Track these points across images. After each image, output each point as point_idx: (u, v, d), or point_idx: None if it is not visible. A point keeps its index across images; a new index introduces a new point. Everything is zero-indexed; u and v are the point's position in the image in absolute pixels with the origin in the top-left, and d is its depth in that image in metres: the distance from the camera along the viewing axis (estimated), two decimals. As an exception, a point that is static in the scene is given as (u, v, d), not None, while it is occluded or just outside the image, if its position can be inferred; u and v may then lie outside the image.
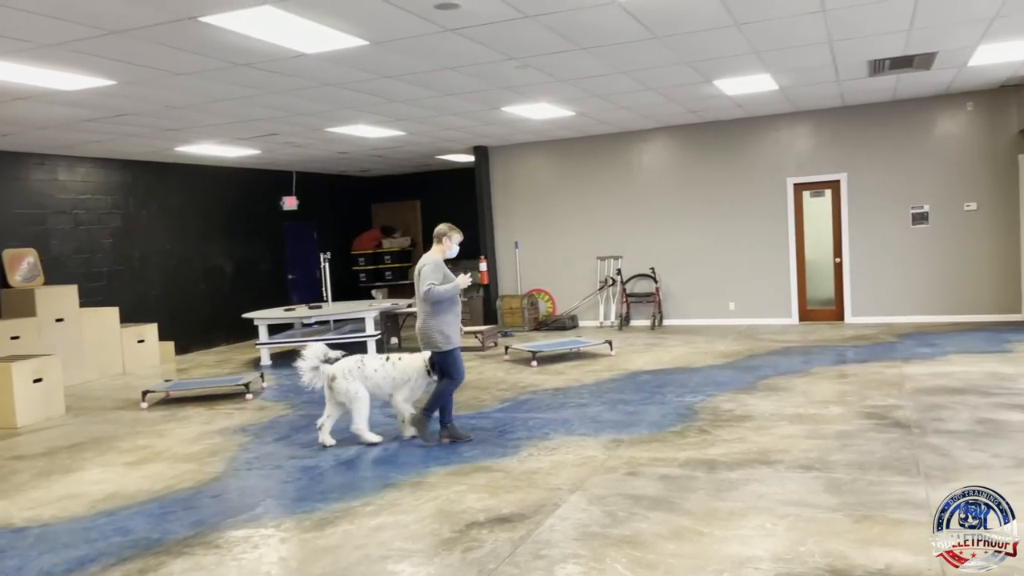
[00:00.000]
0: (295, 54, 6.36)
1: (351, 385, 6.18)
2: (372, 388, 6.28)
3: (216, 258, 13.36)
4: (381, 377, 6.27)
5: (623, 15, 5.93)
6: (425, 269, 6.04)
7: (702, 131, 12.12)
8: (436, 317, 6.06)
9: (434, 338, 6.07)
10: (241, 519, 4.63)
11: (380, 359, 6.36)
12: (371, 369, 6.26)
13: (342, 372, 6.22)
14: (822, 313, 11.74)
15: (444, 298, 6.02)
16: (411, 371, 6.29)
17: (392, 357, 6.38)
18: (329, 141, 11.36)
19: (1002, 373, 7.35)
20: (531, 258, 13.53)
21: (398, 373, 6.28)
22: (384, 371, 6.28)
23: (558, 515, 4.34)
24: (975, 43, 7.62)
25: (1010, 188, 10.60)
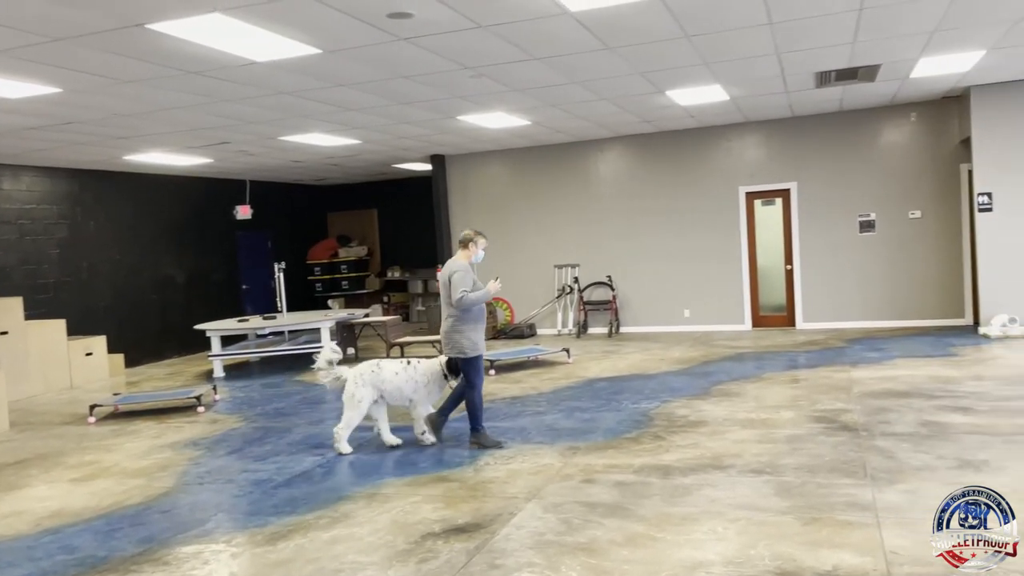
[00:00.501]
0: (246, 62, 6.30)
1: (358, 391, 6.13)
2: (392, 392, 6.23)
3: (167, 268, 13.12)
4: (403, 381, 6.23)
5: (575, 26, 5.99)
6: (456, 276, 6.00)
7: (657, 140, 12.28)
8: (465, 323, 6.04)
9: (462, 344, 6.04)
10: (191, 535, 4.54)
11: (399, 364, 6.34)
12: (390, 373, 6.22)
13: (354, 376, 6.19)
14: (774, 319, 11.96)
15: (476, 305, 6.00)
16: (431, 374, 6.30)
17: (412, 361, 6.37)
18: (283, 150, 11.25)
19: (946, 376, 7.55)
20: (489, 267, 13.51)
21: (420, 376, 6.27)
22: (405, 375, 6.25)
23: (514, 524, 4.35)
24: (916, 56, 7.85)
25: (952, 196, 10.93)
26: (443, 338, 6.16)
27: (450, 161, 13.54)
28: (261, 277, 14.91)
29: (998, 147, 9.83)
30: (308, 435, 6.89)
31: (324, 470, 5.73)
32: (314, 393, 9.02)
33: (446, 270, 6.14)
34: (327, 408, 8.14)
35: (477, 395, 6.12)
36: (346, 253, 16.83)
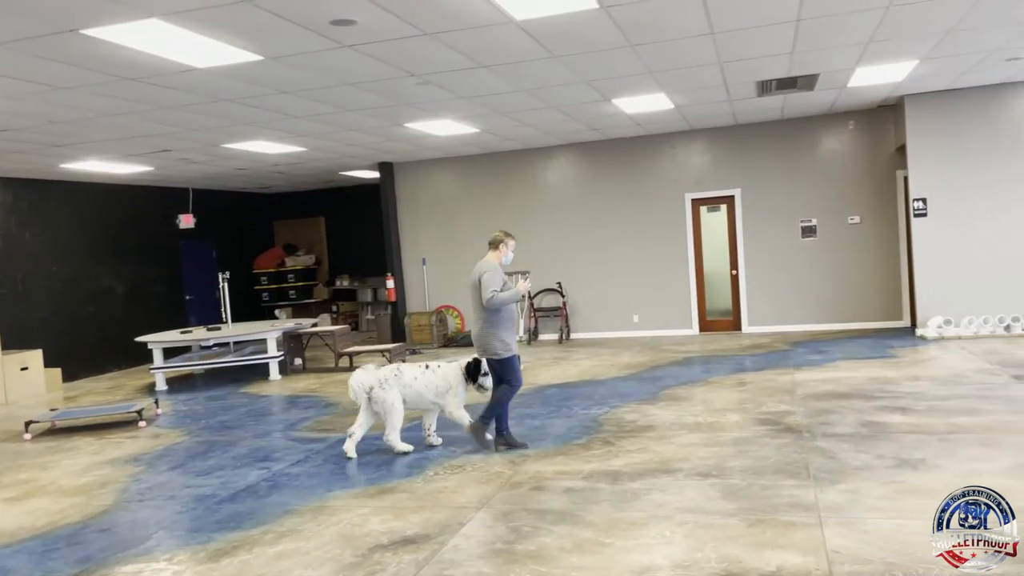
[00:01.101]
0: (185, 68, 6.17)
1: (388, 394, 6.11)
2: (413, 397, 6.20)
3: (107, 279, 12.76)
4: (422, 385, 6.20)
5: (521, 34, 6.02)
6: (486, 276, 5.94)
7: (604, 148, 12.39)
8: (495, 324, 5.99)
9: (493, 345, 5.98)
10: (131, 553, 4.41)
11: (419, 367, 6.31)
12: (410, 377, 6.19)
13: (379, 381, 6.15)
14: (721, 323, 12.15)
15: (506, 305, 5.96)
16: (452, 378, 6.25)
17: (432, 365, 6.33)
18: (226, 157, 11.05)
19: (885, 377, 7.76)
20: (439, 274, 13.49)
21: (440, 380, 6.23)
22: (425, 379, 6.21)
23: (463, 534, 4.32)
24: (853, 66, 8.07)
25: (889, 202, 11.26)
26: (475, 340, 6.11)
27: (399, 168, 13.46)
28: (206, 287, 14.58)
29: (932, 154, 10.16)
30: (254, 448, 6.76)
31: (270, 484, 5.62)
32: (260, 405, 8.86)
33: (476, 271, 6.08)
34: (273, 420, 8.01)
35: (508, 396, 6.10)
36: (293, 262, 16.60)
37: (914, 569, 3.46)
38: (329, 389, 9.52)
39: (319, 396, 9.09)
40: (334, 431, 7.18)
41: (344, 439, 6.32)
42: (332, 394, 9.14)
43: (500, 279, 5.99)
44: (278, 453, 6.52)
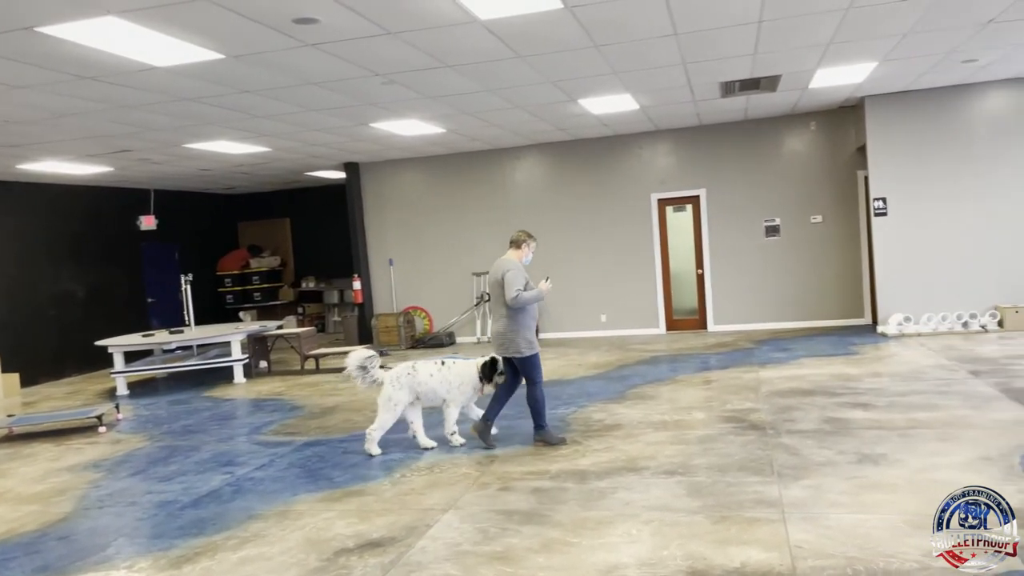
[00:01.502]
0: (145, 67, 6.07)
1: (394, 393, 6.10)
2: (427, 393, 6.20)
3: (66, 282, 12.50)
4: (437, 382, 6.19)
5: (486, 34, 6.01)
6: (509, 275, 5.93)
7: (571, 148, 12.43)
8: (519, 322, 5.98)
9: (517, 343, 5.95)
10: (90, 561, 4.32)
11: (434, 364, 6.28)
12: (425, 375, 6.18)
13: (391, 379, 6.15)
14: (687, 322, 12.25)
15: (530, 304, 5.95)
16: (466, 376, 6.25)
17: (447, 362, 6.31)
18: (189, 158, 10.88)
19: (847, 374, 7.88)
20: (406, 275, 13.43)
21: (454, 377, 6.22)
22: (440, 376, 6.20)
23: (430, 536, 4.30)
24: (814, 67, 8.19)
25: (851, 201, 11.44)
26: (497, 339, 6.08)
27: (364, 169, 13.37)
28: (168, 290, 14.35)
29: (891, 154, 10.35)
30: (217, 452, 6.66)
31: (233, 488, 5.54)
32: (224, 409, 8.74)
33: (497, 269, 6.08)
34: (237, 424, 7.90)
35: (540, 392, 6.09)
36: (258, 263, 16.40)
37: (875, 563, 3.51)
38: (295, 392, 9.42)
39: (285, 399, 8.99)
40: (300, 434, 7.10)
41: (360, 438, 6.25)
42: (298, 397, 9.05)
43: (523, 277, 6.01)
44: (242, 457, 6.43)
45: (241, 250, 16.63)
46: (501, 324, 6.03)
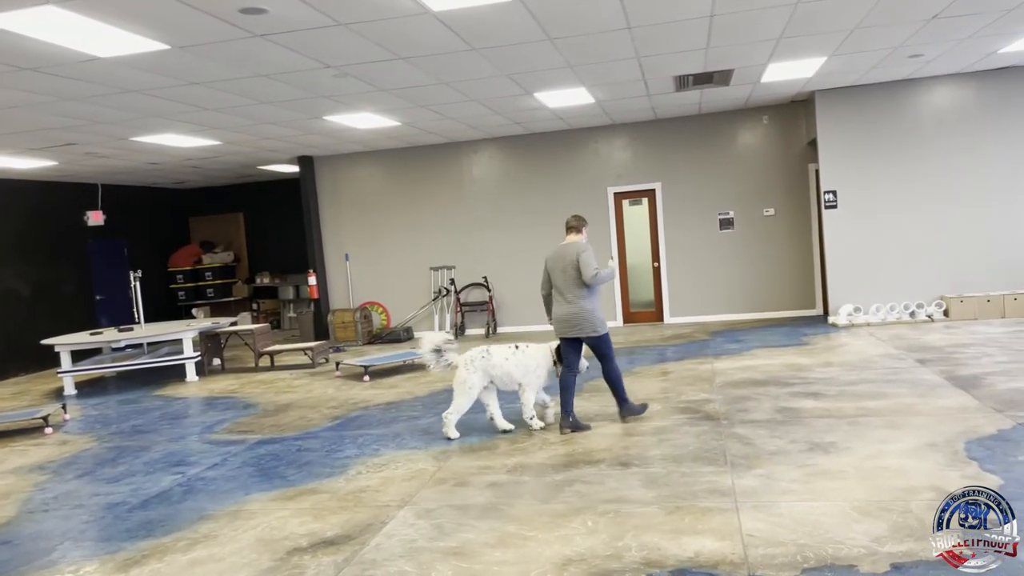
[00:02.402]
0: (87, 58, 5.89)
1: (469, 376, 6.13)
2: (502, 377, 6.21)
3: (10, 280, 12.12)
4: (513, 366, 6.19)
5: (438, 26, 5.95)
6: (585, 255, 5.99)
7: (528, 142, 12.42)
8: (593, 302, 6.07)
9: (593, 323, 6.05)
10: (35, 566, 4.20)
11: (508, 348, 6.29)
12: (500, 359, 6.19)
13: (464, 362, 6.18)
14: (644, 315, 12.34)
15: (605, 282, 6.16)
16: (541, 359, 6.28)
17: (521, 346, 6.33)
18: (136, 151, 10.62)
19: (799, 364, 8.01)
20: (363, 270, 13.30)
21: (530, 360, 6.24)
22: (515, 359, 6.22)
23: (385, 533, 4.26)
24: (765, 61, 8.29)
25: (802, 194, 11.63)
26: (570, 320, 6.08)
27: (319, 162, 13.20)
28: (117, 287, 14.01)
29: (841, 148, 10.53)
30: (168, 452, 6.52)
31: (184, 489, 5.43)
32: (175, 408, 8.56)
33: (567, 252, 6.08)
34: (188, 423, 7.74)
35: (617, 368, 6.24)
36: (211, 259, 16.10)
37: (824, 549, 3.57)
38: (248, 389, 9.27)
39: (238, 397, 8.85)
40: (253, 432, 6.99)
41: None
42: (252, 395, 8.91)
43: (595, 257, 6.11)
44: (193, 457, 6.31)
45: (193, 245, 16.31)
46: (576, 306, 6.05)
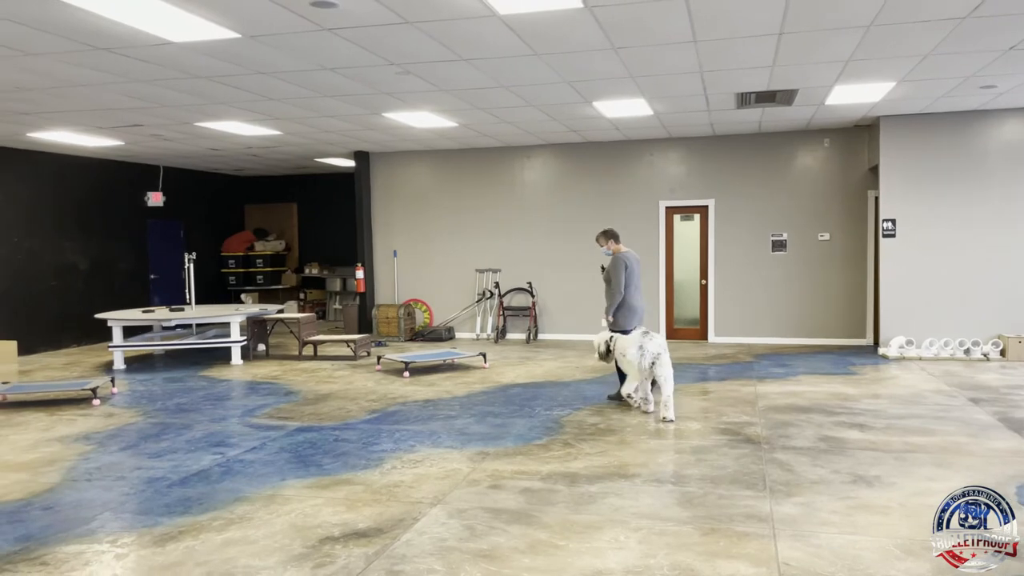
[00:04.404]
0: (160, 41, 6.04)
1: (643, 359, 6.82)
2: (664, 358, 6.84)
3: (70, 254, 12.49)
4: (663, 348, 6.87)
5: (504, 29, 5.97)
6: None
7: (582, 150, 12.39)
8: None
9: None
10: (74, 534, 4.30)
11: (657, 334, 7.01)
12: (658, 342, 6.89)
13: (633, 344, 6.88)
14: (687, 332, 12.20)
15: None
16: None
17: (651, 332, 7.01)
18: (200, 136, 10.86)
19: (845, 393, 7.83)
20: (410, 267, 13.40)
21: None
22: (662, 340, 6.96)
23: (416, 529, 4.27)
24: (831, 83, 8.14)
25: (859, 221, 11.39)
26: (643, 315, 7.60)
27: (375, 158, 13.34)
28: (172, 267, 14.35)
29: (903, 176, 10.29)
30: (209, 432, 6.64)
31: (223, 469, 5.52)
32: (219, 389, 8.72)
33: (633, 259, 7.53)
34: (230, 405, 7.87)
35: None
36: (263, 247, 16.39)
37: (863, 585, 3.47)
38: (290, 377, 9.40)
39: (280, 383, 8.97)
40: (292, 419, 7.07)
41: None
42: (293, 382, 9.03)
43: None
44: (233, 439, 6.41)
45: (247, 232, 16.62)
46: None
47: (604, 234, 7.73)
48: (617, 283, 7.42)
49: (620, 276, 7.41)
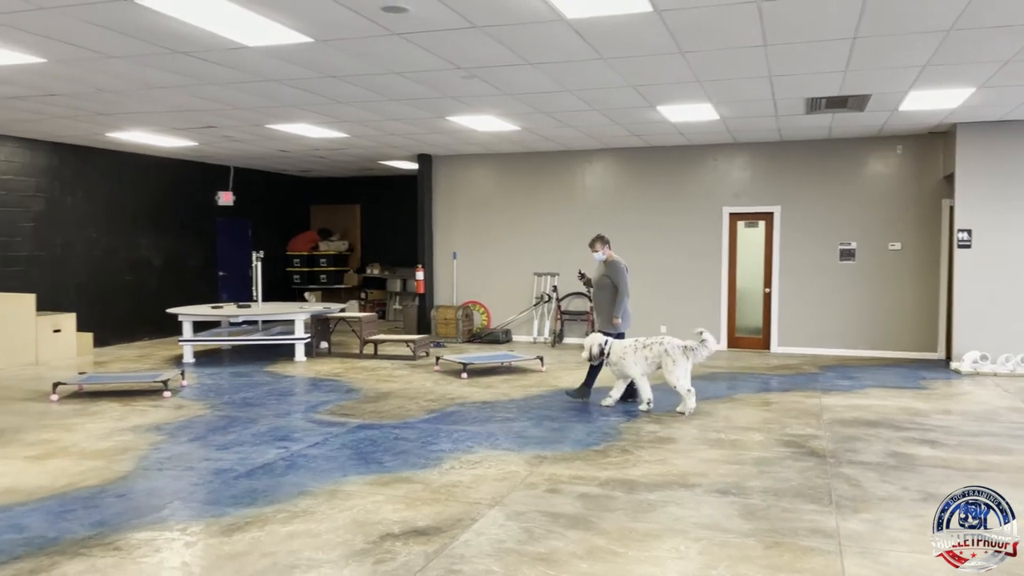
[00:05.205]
0: (235, 46, 6.21)
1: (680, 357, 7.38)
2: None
3: (144, 250, 12.94)
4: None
5: (571, 33, 5.97)
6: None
7: (644, 155, 12.30)
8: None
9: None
10: (145, 521, 4.45)
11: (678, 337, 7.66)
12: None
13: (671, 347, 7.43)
14: (749, 341, 11.99)
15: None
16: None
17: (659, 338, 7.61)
18: (269, 138, 11.14)
19: (915, 408, 7.59)
20: (469, 270, 13.49)
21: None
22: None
23: (475, 530, 4.29)
24: (906, 89, 7.91)
25: (933, 231, 11.03)
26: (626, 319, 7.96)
27: (437, 161, 13.48)
28: (239, 265, 14.76)
29: (980, 185, 9.93)
30: (274, 427, 6.79)
31: (287, 463, 5.64)
32: (283, 385, 8.92)
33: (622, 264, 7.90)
34: (294, 401, 8.05)
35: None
36: (327, 247, 16.71)
37: (934, 606, 3.36)
38: (352, 375, 9.55)
39: (342, 381, 9.13)
40: (353, 416, 7.19)
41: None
42: (354, 380, 9.17)
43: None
44: (297, 434, 6.54)
45: (311, 232, 16.97)
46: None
47: (600, 240, 7.91)
48: (624, 286, 7.75)
49: (625, 279, 7.77)
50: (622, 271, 7.81)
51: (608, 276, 7.80)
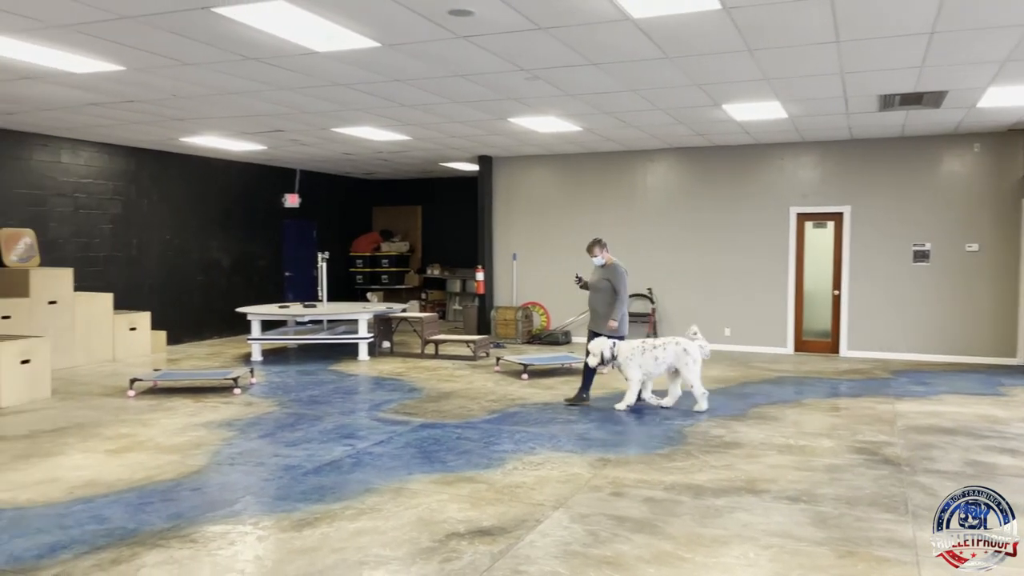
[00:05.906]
0: (305, 51, 6.35)
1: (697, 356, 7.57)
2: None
3: (214, 251, 13.32)
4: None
5: (636, 33, 5.92)
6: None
7: (708, 154, 12.12)
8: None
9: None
10: (219, 514, 4.57)
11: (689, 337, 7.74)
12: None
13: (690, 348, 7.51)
14: (817, 345, 11.71)
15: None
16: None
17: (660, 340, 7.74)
18: (334, 141, 11.34)
19: (994, 416, 7.30)
20: (528, 271, 13.50)
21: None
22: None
23: (539, 531, 4.29)
24: (986, 84, 7.62)
25: (1012, 231, 10.60)
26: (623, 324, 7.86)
27: (497, 163, 13.53)
28: (304, 265, 15.07)
29: (1064, 184, 9.51)
30: (340, 424, 6.91)
31: (353, 461, 5.73)
32: (347, 384, 9.06)
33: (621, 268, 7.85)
34: (359, 399, 8.17)
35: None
36: (388, 248, 16.93)
37: (1020, 623, 3.23)
38: (414, 374, 9.65)
39: (404, 380, 9.23)
40: (416, 415, 7.26)
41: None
42: (416, 379, 9.27)
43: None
44: (362, 432, 6.64)
45: (374, 233, 17.23)
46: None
47: (598, 244, 7.89)
48: (624, 290, 7.73)
49: (625, 283, 7.75)
50: (622, 275, 7.75)
51: (607, 279, 7.75)
